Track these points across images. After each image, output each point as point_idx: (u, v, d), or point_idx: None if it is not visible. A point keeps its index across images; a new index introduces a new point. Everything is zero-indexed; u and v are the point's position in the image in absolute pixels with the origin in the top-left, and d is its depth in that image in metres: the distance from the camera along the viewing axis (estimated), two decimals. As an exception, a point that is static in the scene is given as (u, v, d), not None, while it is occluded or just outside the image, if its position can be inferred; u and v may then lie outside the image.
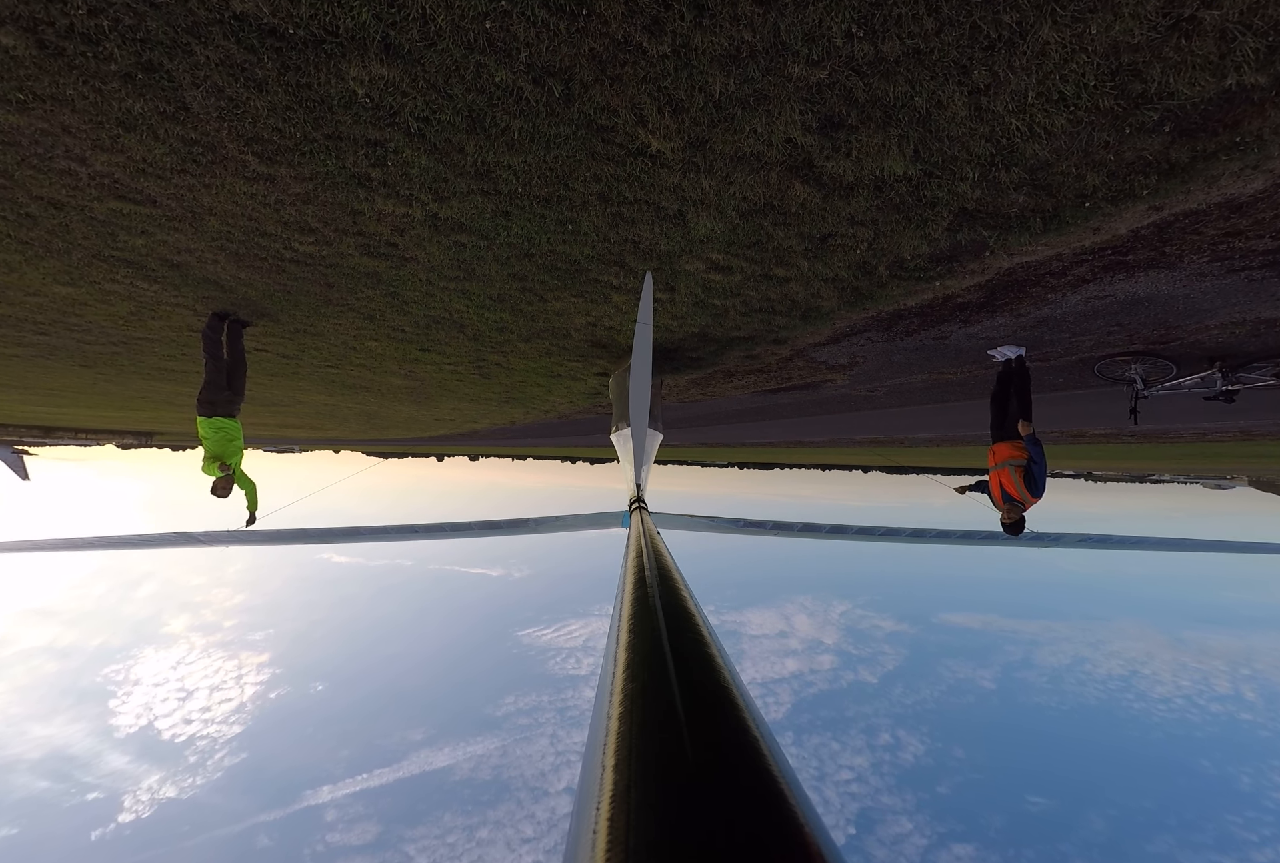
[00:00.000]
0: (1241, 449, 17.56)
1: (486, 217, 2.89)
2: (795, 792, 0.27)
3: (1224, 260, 3.00)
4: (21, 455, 29.78)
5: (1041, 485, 4.21)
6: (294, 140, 2.30)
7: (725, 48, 1.77)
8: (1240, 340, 4.36)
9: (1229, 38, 1.58)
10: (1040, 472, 4.19)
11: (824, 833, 0.24)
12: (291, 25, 1.75)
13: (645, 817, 0.24)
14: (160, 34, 1.79)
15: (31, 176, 2.69)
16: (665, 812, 0.24)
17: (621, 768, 0.28)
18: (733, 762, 0.28)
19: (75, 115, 2.19)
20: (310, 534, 5.23)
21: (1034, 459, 4.18)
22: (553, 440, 29.80)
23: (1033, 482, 4.19)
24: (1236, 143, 1.98)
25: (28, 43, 1.83)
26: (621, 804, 0.25)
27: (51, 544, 5.33)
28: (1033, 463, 4.18)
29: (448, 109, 2.08)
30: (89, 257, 3.69)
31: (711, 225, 2.86)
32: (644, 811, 0.24)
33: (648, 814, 0.24)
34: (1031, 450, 4.18)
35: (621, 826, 0.23)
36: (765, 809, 0.24)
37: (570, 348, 5.56)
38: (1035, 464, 4.18)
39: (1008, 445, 4.38)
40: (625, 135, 2.20)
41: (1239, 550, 6.73)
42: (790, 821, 0.24)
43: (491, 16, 1.70)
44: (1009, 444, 4.38)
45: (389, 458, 45.47)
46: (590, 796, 0.27)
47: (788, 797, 0.26)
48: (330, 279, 3.93)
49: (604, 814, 0.24)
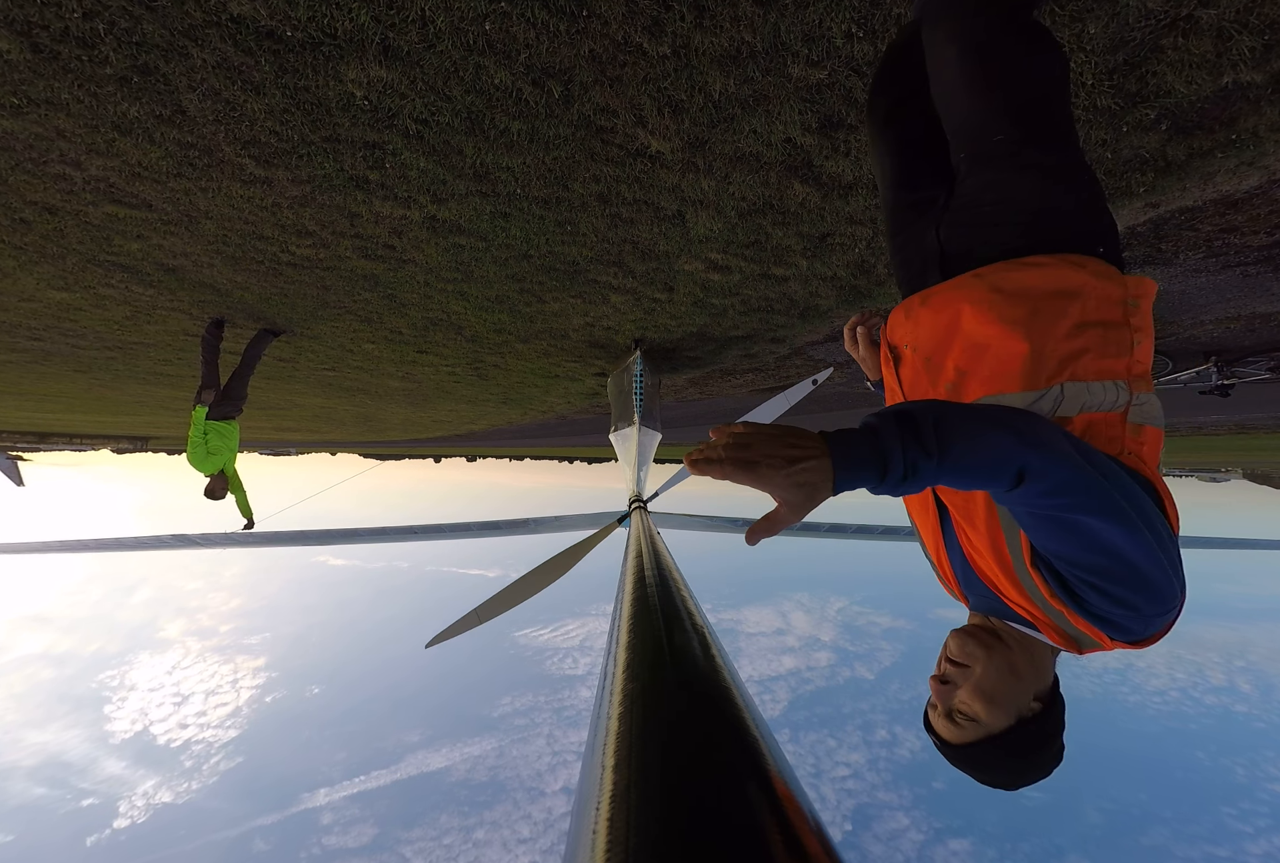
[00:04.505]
0: (1236, 442, 17.67)
1: (485, 218, 2.88)
2: (795, 791, 0.27)
3: (1219, 256, 3.02)
4: (16, 461, 29.59)
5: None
6: (291, 143, 2.28)
7: (725, 48, 1.77)
8: (1235, 335, 4.38)
9: (1226, 36, 1.58)
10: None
11: (822, 831, 0.24)
12: (289, 28, 1.74)
13: (645, 817, 0.24)
14: (156, 37, 1.77)
15: (25, 181, 2.67)
16: (665, 812, 0.24)
17: (621, 768, 0.27)
18: (733, 762, 0.28)
19: (70, 119, 2.17)
20: (308, 536, 5.21)
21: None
22: (551, 441, 29.79)
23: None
24: (1233, 140, 1.99)
25: (22, 46, 1.81)
26: (621, 804, 0.25)
27: (48, 547, 5.30)
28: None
29: (446, 111, 2.08)
30: (84, 261, 3.67)
31: (710, 225, 2.86)
32: (644, 811, 0.24)
33: (648, 814, 0.24)
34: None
35: (621, 826, 0.23)
36: (765, 809, 0.24)
37: (568, 349, 5.55)
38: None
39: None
40: (624, 136, 2.19)
41: (1235, 547, 6.76)
42: (789, 819, 0.24)
43: (491, 18, 1.70)
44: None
45: (386, 460, 45.37)
46: (590, 796, 0.26)
47: (787, 796, 0.26)
48: (327, 282, 3.92)
49: (604, 814, 0.24)
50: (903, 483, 0.65)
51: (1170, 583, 0.72)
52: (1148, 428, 0.87)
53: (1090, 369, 0.86)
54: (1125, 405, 0.86)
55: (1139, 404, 0.87)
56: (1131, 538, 0.69)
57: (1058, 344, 0.87)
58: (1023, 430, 0.67)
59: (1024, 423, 0.69)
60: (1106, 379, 0.87)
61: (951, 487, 0.69)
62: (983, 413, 0.70)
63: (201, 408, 4.54)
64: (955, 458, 0.64)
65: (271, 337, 5.03)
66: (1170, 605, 0.75)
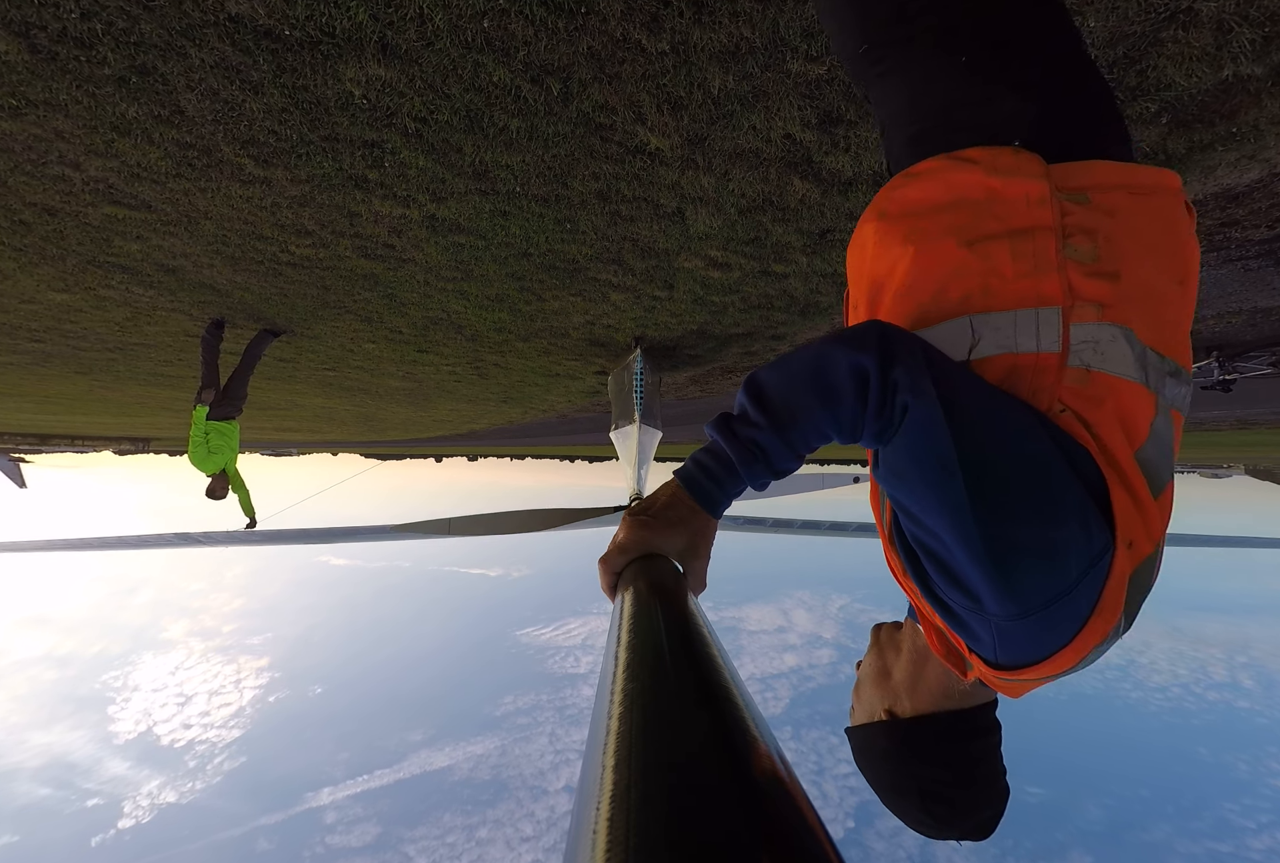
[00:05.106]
0: (1238, 438, 17.67)
1: (484, 216, 2.88)
2: (795, 790, 0.27)
3: (1220, 250, 3.02)
4: (18, 463, 29.64)
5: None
6: (290, 143, 2.28)
7: (724, 44, 1.77)
8: (1236, 330, 4.38)
9: (1226, 29, 1.58)
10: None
11: (823, 828, 0.24)
12: (287, 27, 1.73)
13: (645, 817, 0.24)
14: (154, 37, 1.77)
15: (25, 183, 2.67)
16: (665, 812, 0.24)
17: (621, 768, 0.27)
18: (733, 761, 0.28)
19: (69, 120, 2.17)
20: (310, 534, 5.22)
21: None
22: (551, 440, 29.81)
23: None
24: (1233, 133, 1.98)
25: (20, 47, 1.81)
26: (621, 804, 0.25)
27: (52, 545, 5.32)
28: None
29: (445, 109, 2.07)
30: (83, 262, 3.67)
31: (710, 222, 2.86)
32: (644, 810, 0.24)
33: (648, 814, 0.24)
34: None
35: (621, 826, 0.23)
36: (765, 808, 0.25)
37: (569, 347, 5.55)
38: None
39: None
40: (624, 133, 2.19)
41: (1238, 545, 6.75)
42: (790, 819, 0.24)
43: (490, 15, 1.69)
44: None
45: (387, 460, 45.42)
46: (590, 796, 0.26)
47: (788, 795, 0.26)
48: (327, 282, 3.92)
49: (604, 814, 0.24)
50: (757, 461, 0.64)
51: (1012, 572, 0.56)
52: (1101, 376, 0.63)
53: (999, 295, 0.66)
54: (1059, 343, 0.63)
55: (1089, 342, 0.63)
56: (958, 509, 0.56)
57: (949, 269, 0.69)
58: (821, 366, 0.62)
59: (824, 355, 0.63)
60: (1024, 307, 0.65)
61: (815, 445, 0.66)
62: (792, 361, 0.66)
63: (202, 408, 4.55)
64: (779, 418, 0.63)
65: (272, 337, 5.04)
66: (1018, 609, 0.57)
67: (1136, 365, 0.64)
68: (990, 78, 0.75)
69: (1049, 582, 0.57)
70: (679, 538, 0.68)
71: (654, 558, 0.68)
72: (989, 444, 0.58)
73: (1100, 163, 0.68)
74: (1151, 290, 0.66)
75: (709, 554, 0.72)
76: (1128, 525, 0.60)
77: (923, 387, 0.58)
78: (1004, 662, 0.63)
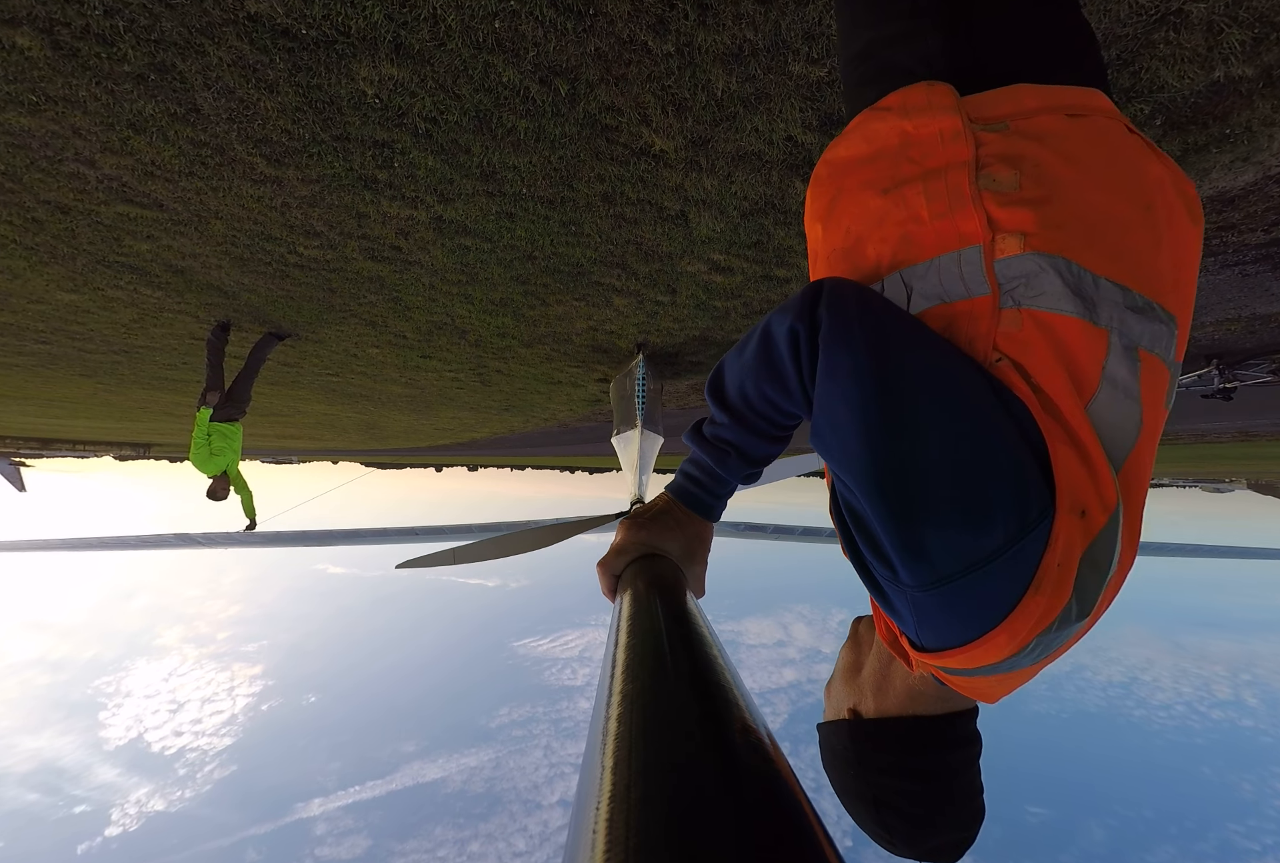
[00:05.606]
0: (1240, 451, 17.64)
1: (491, 218, 2.93)
2: (796, 790, 0.27)
3: (1217, 256, 3.05)
4: (18, 467, 29.63)
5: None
6: (302, 142, 2.33)
7: (728, 46, 1.81)
8: (1236, 337, 4.41)
9: (1216, 30, 1.62)
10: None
11: (825, 832, 0.24)
12: (304, 26, 1.78)
13: (645, 817, 0.24)
14: (174, 35, 1.82)
15: (40, 180, 2.72)
16: (665, 812, 0.24)
17: (620, 768, 0.28)
18: (733, 761, 0.28)
19: (86, 117, 2.22)
20: (310, 537, 5.22)
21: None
22: (552, 450, 29.79)
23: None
24: (1226, 135, 2.02)
25: (43, 44, 1.86)
26: (621, 804, 0.25)
27: (51, 545, 5.32)
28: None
29: (455, 109, 2.12)
30: (93, 262, 3.72)
31: (713, 225, 2.90)
32: (644, 811, 0.24)
33: (647, 815, 0.24)
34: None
35: (621, 826, 0.23)
36: (766, 808, 0.25)
37: (571, 353, 5.59)
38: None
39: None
40: (629, 135, 2.24)
41: (1242, 556, 6.73)
42: (791, 819, 0.24)
43: (500, 16, 1.74)
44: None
45: (387, 469, 45.34)
46: (589, 796, 0.27)
47: (788, 795, 0.26)
48: (333, 284, 3.96)
49: (603, 815, 0.24)
50: (730, 457, 0.69)
51: (919, 528, 0.50)
52: (1034, 314, 0.56)
53: (921, 243, 0.61)
54: (987, 284, 0.58)
55: (1019, 278, 0.57)
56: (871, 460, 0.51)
57: (871, 222, 0.65)
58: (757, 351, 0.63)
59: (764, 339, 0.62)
60: (947, 251, 0.60)
61: (786, 423, 0.67)
62: (743, 344, 0.66)
63: (205, 409, 4.57)
64: (737, 409, 0.67)
65: (277, 340, 5.08)
66: (929, 576, 0.51)
67: (1071, 297, 0.56)
68: (896, 12, 0.70)
69: (965, 543, 0.50)
70: (676, 540, 0.72)
71: (653, 557, 0.70)
72: (909, 391, 0.52)
73: (1022, 87, 0.62)
74: (1103, 215, 0.59)
75: (706, 560, 0.75)
76: (1074, 489, 0.52)
77: (840, 327, 0.55)
78: (926, 643, 0.57)
